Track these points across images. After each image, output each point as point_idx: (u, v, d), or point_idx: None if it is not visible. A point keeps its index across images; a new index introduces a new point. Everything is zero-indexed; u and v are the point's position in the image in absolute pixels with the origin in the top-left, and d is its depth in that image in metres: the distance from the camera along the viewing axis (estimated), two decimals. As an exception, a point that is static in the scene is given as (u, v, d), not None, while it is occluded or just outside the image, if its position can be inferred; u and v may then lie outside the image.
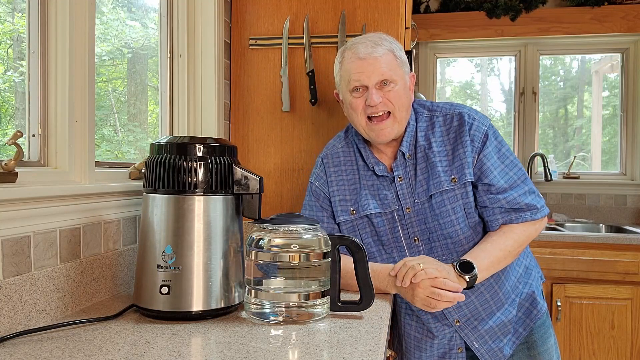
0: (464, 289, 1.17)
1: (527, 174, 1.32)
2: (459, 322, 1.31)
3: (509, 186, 1.26)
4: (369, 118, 1.26)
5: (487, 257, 1.22)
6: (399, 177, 1.30)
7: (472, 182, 1.27)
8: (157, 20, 1.71)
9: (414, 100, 1.37)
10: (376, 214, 1.30)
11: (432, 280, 1.13)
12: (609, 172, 3.19)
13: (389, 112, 1.25)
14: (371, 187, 1.32)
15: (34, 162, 1.13)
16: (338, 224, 1.34)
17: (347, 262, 1.22)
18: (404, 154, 1.30)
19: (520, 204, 1.25)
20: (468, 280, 1.17)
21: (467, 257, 1.21)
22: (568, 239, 2.48)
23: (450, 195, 1.26)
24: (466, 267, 1.18)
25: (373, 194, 1.31)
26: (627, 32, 2.95)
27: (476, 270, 1.18)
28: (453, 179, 1.26)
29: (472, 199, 1.27)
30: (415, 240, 1.29)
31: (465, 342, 1.33)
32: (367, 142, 1.35)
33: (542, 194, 3.08)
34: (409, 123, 1.32)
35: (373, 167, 1.32)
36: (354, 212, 1.31)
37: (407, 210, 1.29)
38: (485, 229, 1.31)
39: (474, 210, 1.28)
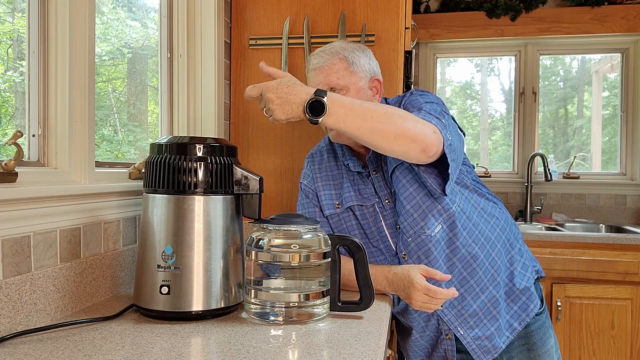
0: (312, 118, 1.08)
1: (447, 117, 1.22)
2: (442, 306, 1.31)
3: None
4: None
5: (354, 101, 1.11)
6: (374, 171, 1.34)
7: None
8: (157, 20, 1.71)
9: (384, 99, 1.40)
10: (358, 206, 1.34)
11: (425, 289, 1.18)
12: (609, 172, 3.19)
13: None
14: (352, 182, 1.37)
15: (34, 162, 1.13)
16: (327, 218, 1.38)
17: (346, 262, 1.24)
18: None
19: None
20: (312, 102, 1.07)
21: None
22: (568, 239, 2.48)
23: (402, 169, 1.28)
24: (318, 106, 1.08)
25: (354, 188, 1.36)
26: (627, 32, 2.95)
27: (325, 100, 1.07)
28: None
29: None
30: (397, 228, 1.32)
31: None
32: None
33: (542, 194, 3.13)
34: None
35: (347, 164, 1.37)
36: (339, 205, 1.36)
37: (387, 201, 1.33)
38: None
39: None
